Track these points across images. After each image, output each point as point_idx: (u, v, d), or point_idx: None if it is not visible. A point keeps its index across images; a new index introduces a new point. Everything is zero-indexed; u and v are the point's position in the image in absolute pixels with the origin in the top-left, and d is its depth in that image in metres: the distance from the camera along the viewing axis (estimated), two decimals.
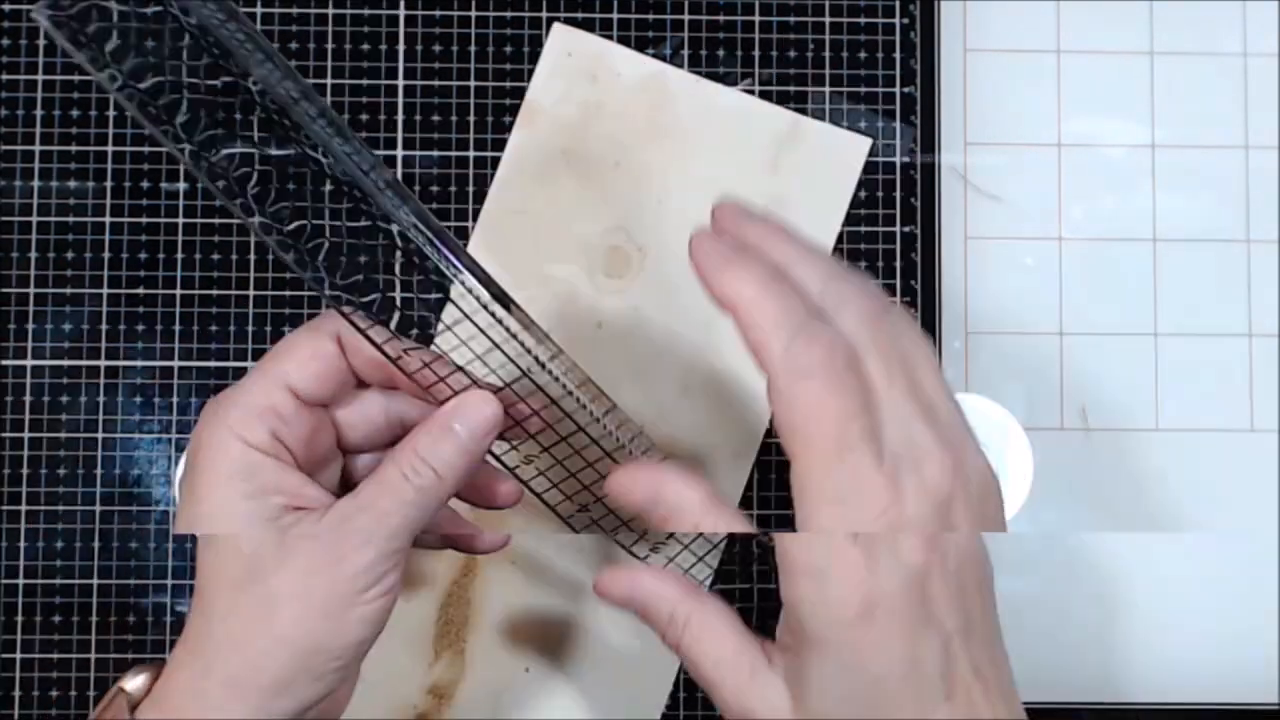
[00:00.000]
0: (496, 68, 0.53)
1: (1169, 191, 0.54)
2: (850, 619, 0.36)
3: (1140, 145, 0.54)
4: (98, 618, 0.51)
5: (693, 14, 0.53)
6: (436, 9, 0.53)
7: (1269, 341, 0.54)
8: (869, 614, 0.36)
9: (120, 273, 0.52)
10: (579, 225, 0.52)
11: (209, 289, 0.52)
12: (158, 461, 0.52)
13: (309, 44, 0.53)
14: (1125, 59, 0.55)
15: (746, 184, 0.53)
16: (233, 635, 0.38)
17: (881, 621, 0.36)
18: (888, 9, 0.53)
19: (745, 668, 0.38)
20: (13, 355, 0.52)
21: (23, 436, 0.51)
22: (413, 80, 0.53)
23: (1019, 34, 0.54)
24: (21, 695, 0.50)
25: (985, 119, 0.54)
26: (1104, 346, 0.53)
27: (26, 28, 0.52)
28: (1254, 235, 0.54)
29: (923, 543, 0.36)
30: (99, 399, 0.52)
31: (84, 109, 0.52)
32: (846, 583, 0.36)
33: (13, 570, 0.51)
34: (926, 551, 0.36)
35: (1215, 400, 0.53)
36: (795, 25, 0.53)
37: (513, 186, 0.52)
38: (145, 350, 0.52)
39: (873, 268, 0.53)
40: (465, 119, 0.53)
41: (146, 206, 0.52)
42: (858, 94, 0.53)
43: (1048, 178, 0.54)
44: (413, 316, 0.41)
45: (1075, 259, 0.54)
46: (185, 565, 0.51)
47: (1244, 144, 0.54)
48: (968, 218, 0.54)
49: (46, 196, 0.52)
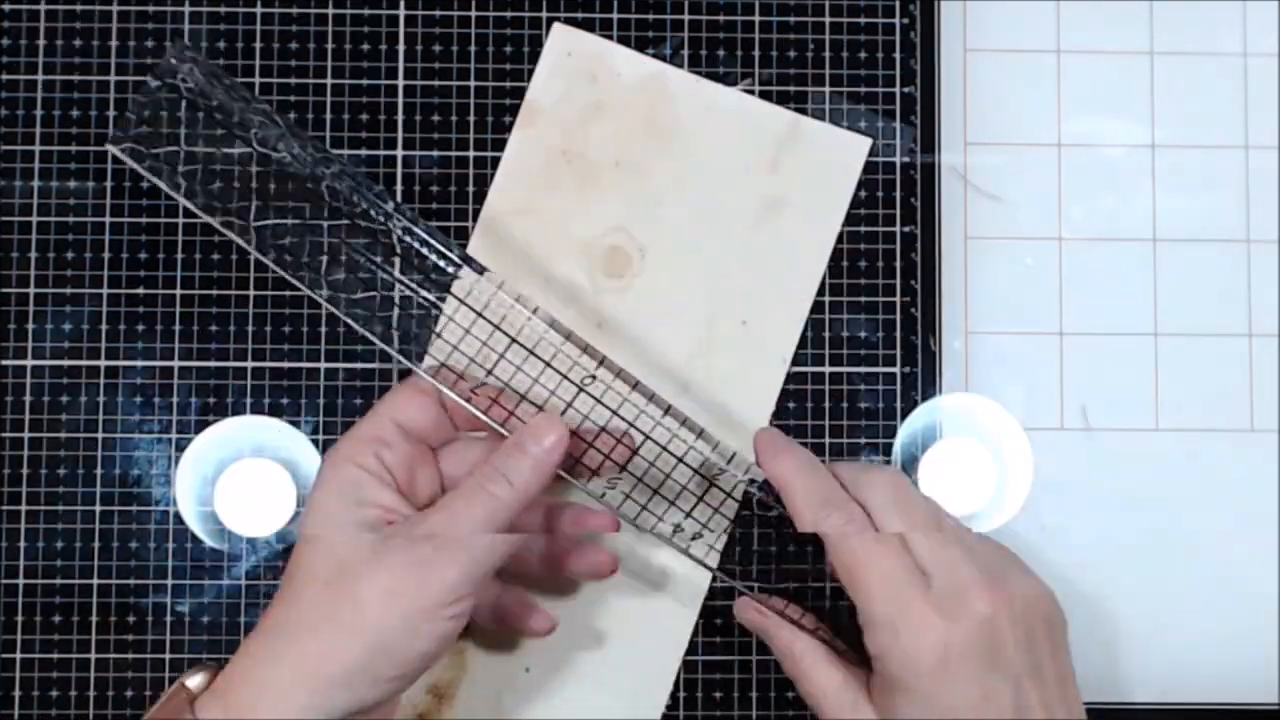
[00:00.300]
0: (496, 68, 0.53)
1: (1169, 191, 0.54)
2: (927, 667, 0.42)
3: (1140, 145, 0.54)
4: (98, 618, 0.51)
5: (693, 14, 0.53)
6: (436, 9, 0.53)
7: (1269, 341, 0.54)
8: (944, 663, 0.42)
9: (120, 273, 0.52)
10: (579, 225, 0.52)
11: (209, 289, 0.52)
12: (158, 461, 0.52)
13: (309, 44, 0.53)
14: (1125, 59, 0.55)
15: (746, 184, 0.53)
16: (313, 624, 0.41)
17: (955, 667, 0.42)
18: (888, 9, 0.53)
19: (848, 703, 0.45)
20: (13, 355, 0.52)
21: (23, 436, 0.51)
22: (413, 80, 0.53)
23: (1019, 34, 0.54)
24: (21, 695, 0.51)
25: (985, 119, 0.54)
26: (1104, 346, 0.53)
27: (26, 28, 0.52)
28: (1254, 235, 0.54)
29: (989, 592, 0.43)
30: (99, 399, 0.52)
31: (84, 109, 0.52)
32: (921, 634, 0.42)
33: (13, 570, 0.51)
34: (994, 601, 0.43)
35: (1215, 400, 0.53)
36: (795, 25, 0.53)
37: (513, 186, 0.52)
38: (145, 350, 0.52)
39: (873, 268, 0.53)
40: (465, 119, 0.53)
41: (146, 206, 0.52)
42: (858, 94, 0.53)
43: (1048, 178, 0.54)
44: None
45: (1075, 259, 0.54)
46: (185, 565, 0.51)
47: (1244, 144, 0.54)
48: (968, 218, 0.54)
49: (46, 196, 0.52)
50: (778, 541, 0.52)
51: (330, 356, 0.52)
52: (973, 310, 0.53)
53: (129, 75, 0.52)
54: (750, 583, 0.52)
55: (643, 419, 0.47)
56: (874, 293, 0.53)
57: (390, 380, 0.52)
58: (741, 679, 0.52)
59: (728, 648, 0.52)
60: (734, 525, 0.52)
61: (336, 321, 0.52)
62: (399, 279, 0.47)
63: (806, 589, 0.52)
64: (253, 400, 0.52)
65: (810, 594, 0.52)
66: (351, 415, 0.52)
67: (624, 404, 0.47)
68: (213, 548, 0.51)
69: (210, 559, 0.51)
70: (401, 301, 0.48)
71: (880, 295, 0.53)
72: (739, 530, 0.52)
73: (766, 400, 0.52)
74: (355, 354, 0.52)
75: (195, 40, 0.53)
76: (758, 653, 0.52)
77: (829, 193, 0.53)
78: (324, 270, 0.46)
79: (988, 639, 0.42)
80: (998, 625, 0.43)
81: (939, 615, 0.42)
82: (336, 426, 0.52)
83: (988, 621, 0.42)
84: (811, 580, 0.52)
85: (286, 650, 0.41)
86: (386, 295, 0.47)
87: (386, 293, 0.47)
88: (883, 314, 0.53)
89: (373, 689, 0.41)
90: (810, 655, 0.46)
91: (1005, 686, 0.42)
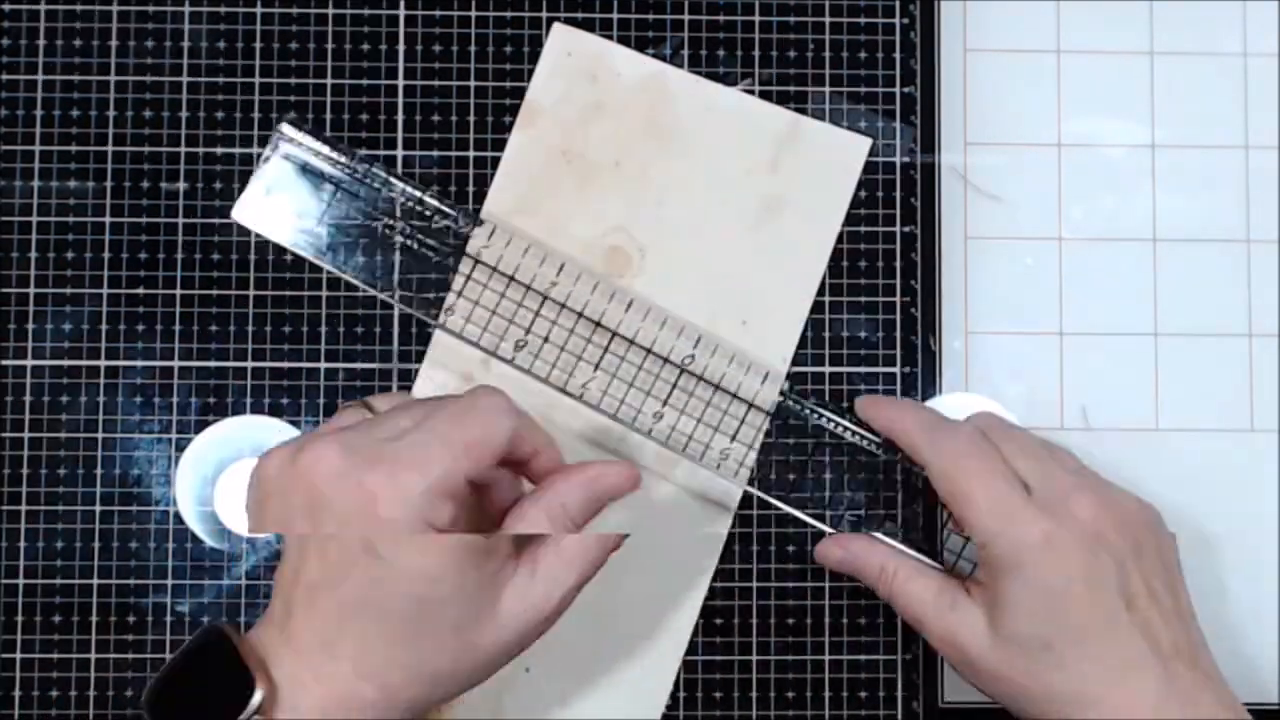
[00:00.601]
0: (496, 68, 0.53)
1: (1169, 191, 0.54)
2: (1033, 543, 0.44)
3: (1140, 145, 0.54)
4: (98, 618, 0.51)
5: (693, 14, 0.53)
6: (436, 9, 0.53)
7: (1269, 341, 0.54)
8: (1049, 542, 0.44)
9: (120, 273, 0.52)
10: (579, 225, 0.52)
11: (209, 289, 0.52)
12: (158, 461, 0.52)
13: (309, 44, 0.53)
14: (1125, 59, 0.55)
15: (746, 184, 0.53)
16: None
17: (1059, 547, 0.44)
18: (888, 9, 0.53)
19: (947, 602, 0.46)
20: (13, 355, 0.52)
21: (23, 436, 0.51)
22: (413, 80, 0.53)
23: (1019, 34, 0.54)
24: (21, 695, 0.51)
25: (985, 119, 0.54)
26: (1104, 346, 0.53)
27: (26, 28, 0.52)
28: (1254, 235, 0.54)
29: (1094, 502, 0.45)
30: (99, 399, 0.52)
31: (84, 109, 0.52)
32: (1028, 521, 0.44)
33: (13, 570, 0.51)
34: (1096, 509, 0.45)
35: (1215, 400, 0.53)
36: (795, 25, 0.53)
37: (513, 187, 0.52)
38: (145, 350, 0.52)
39: (873, 268, 0.53)
40: (465, 119, 0.53)
41: (146, 206, 0.52)
42: (858, 94, 0.53)
43: (1048, 178, 0.54)
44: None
45: (1075, 259, 0.54)
46: (185, 565, 0.51)
47: (1244, 144, 0.54)
48: (968, 218, 0.54)
49: (46, 196, 0.52)
50: (832, 470, 0.52)
51: (330, 356, 0.52)
52: (973, 310, 0.53)
53: (129, 75, 0.52)
54: (817, 511, 0.52)
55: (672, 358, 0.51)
56: (874, 293, 0.53)
57: (390, 380, 0.52)
58: (741, 679, 0.52)
59: (728, 648, 0.52)
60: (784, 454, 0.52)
61: (337, 321, 0.52)
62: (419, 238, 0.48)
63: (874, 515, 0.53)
64: (253, 400, 0.52)
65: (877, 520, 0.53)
66: None
67: (655, 342, 0.51)
68: (213, 548, 0.51)
69: (210, 559, 0.51)
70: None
71: (880, 295, 0.53)
72: (790, 458, 0.52)
73: (766, 400, 0.52)
74: (355, 354, 0.52)
75: (195, 40, 0.53)
76: (758, 653, 0.52)
77: (829, 192, 0.53)
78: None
79: (1092, 537, 0.44)
80: (1101, 529, 0.44)
81: (1043, 514, 0.44)
82: None
83: (1091, 523, 0.44)
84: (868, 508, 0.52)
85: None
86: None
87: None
88: (883, 314, 0.53)
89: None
90: (904, 570, 0.48)
91: (1110, 568, 0.44)
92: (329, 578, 0.41)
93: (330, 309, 0.52)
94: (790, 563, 0.52)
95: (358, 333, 0.52)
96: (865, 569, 0.49)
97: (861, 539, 0.49)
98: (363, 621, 0.40)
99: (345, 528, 0.40)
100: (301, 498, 0.40)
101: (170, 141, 0.52)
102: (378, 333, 0.52)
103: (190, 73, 0.53)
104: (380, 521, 0.39)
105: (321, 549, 0.41)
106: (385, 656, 0.41)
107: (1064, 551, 0.44)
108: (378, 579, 0.40)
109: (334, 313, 0.52)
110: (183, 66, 0.53)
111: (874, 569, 0.48)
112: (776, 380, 0.51)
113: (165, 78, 0.53)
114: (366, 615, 0.40)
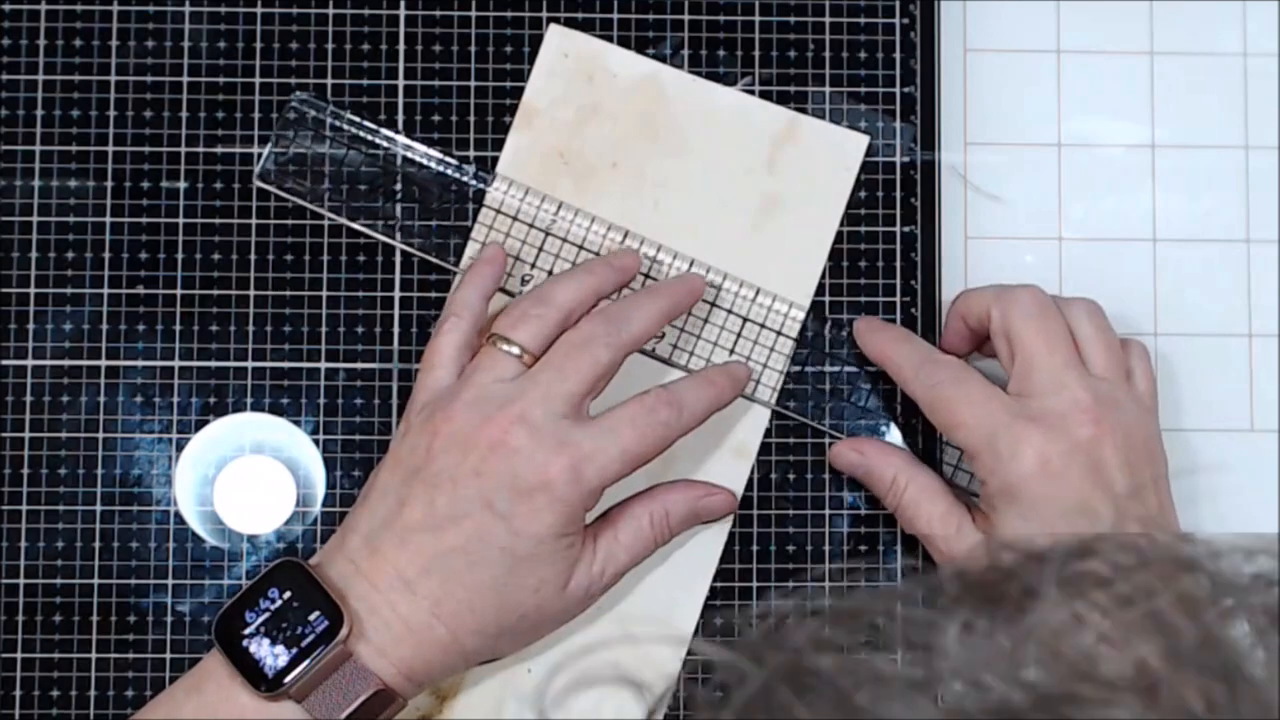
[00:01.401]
0: (496, 68, 0.53)
1: (1169, 191, 0.54)
2: (1029, 472, 0.45)
3: (1140, 145, 0.54)
4: (98, 618, 0.51)
5: (692, 14, 0.53)
6: (436, 9, 0.53)
7: (1269, 341, 0.53)
8: (1044, 468, 0.45)
9: (120, 273, 0.52)
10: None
11: (209, 289, 0.52)
12: (158, 461, 0.52)
13: (309, 44, 0.53)
14: (1125, 59, 0.54)
15: (744, 183, 0.53)
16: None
17: (1056, 474, 0.45)
18: (888, 9, 0.53)
19: (954, 524, 0.48)
20: (13, 355, 0.52)
21: (23, 436, 0.51)
22: (413, 80, 0.53)
23: (1019, 34, 0.54)
24: (22, 695, 0.51)
25: (985, 119, 0.54)
26: None
27: (27, 28, 0.52)
28: (1254, 235, 0.54)
29: (1091, 419, 0.45)
30: (99, 399, 0.52)
31: (84, 109, 0.52)
32: (1021, 445, 0.45)
33: (13, 570, 0.51)
34: (1095, 427, 0.45)
35: (1215, 400, 0.53)
36: (795, 25, 0.53)
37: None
38: (145, 350, 0.52)
39: (873, 268, 0.53)
40: (465, 119, 0.53)
41: (146, 206, 0.52)
42: (857, 93, 0.53)
43: (1048, 178, 0.54)
44: None
45: (1075, 259, 0.54)
46: (185, 565, 0.51)
47: (1244, 144, 0.54)
48: (968, 218, 0.54)
49: (46, 196, 0.52)
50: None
51: (330, 356, 0.52)
52: None
53: (129, 75, 0.52)
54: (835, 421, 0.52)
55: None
56: (874, 293, 0.53)
57: (390, 380, 0.52)
58: None
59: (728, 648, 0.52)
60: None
61: (337, 321, 0.52)
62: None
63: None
64: (253, 400, 0.52)
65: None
66: (352, 415, 0.52)
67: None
68: (213, 547, 0.51)
69: (210, 559, 0.51)
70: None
71: (880, 295, 0.53)
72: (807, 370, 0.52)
73: (766, 398, 0.52)
74: (355, 354, 0.52)
75: (195, 40, 0.53)
76: None
77: (827, 190, 0.53)
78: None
79: (1088, 456, 0.45)
80: (1099, 447, 0.45)
81: (1038, 429, 0.45)
82: (336, 426, 0.52)
83: (1088, 442, 0.45)
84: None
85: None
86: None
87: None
88: (883, 314, 0.53)
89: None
90: (914, 484, 0.49)
91: (1105, 504, 0.44)
92: (434, 523, 0.44)
93: (330, 309, 0.52)
94: (790, 562, 0.52)
95: (358, 333, 0.52)
96: (878, 478, 0.50)
97: (876, 443, 0.51)
98: (454, 567, 0.44)
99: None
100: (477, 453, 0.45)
101: (170, 141, 0.52)
102: (378, 333, 0.52)
103: (190, 73, 0.53)
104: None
105: (429, 498, 0.44)
106: (463, 602, 0.44)
107: (1058, 481, 0.45)
108: (486, 531, 0.44)
109: (334, 313, 0.52)
110: (183, 66, 0.53)
111: (885, 480, 0.49)
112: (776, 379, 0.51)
113: (165, 78, 0.53)
114: (459, 562, 0.44)
